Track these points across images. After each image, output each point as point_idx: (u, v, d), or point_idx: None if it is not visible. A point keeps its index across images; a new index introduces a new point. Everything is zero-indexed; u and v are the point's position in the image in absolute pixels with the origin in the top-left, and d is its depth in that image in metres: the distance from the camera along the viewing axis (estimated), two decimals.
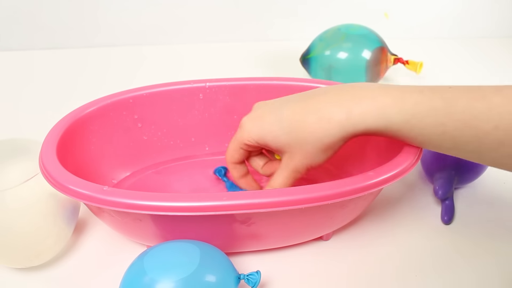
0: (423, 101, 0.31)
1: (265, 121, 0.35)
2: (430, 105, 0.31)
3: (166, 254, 0.32)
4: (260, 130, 0.35)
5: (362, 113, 0.32)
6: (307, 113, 0.33)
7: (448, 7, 0.87)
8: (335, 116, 0.32)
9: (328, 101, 0.33)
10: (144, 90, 0.45)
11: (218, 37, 0.86)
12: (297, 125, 0.33)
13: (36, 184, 0.34)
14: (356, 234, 0.41)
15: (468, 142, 0.31)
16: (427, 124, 0.31)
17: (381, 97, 0.32)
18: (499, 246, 0.40)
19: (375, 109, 0.31)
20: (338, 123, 0.32)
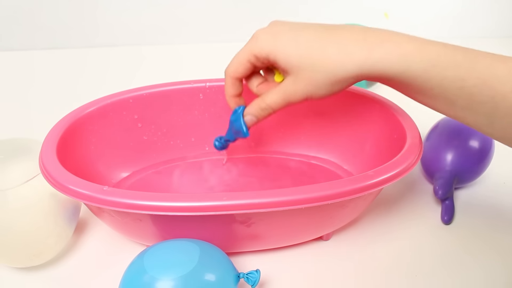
0: (446, 53, 0.31)
1: (281, 38, 0.34)
2: (452, 58, 0.31)
3: (166, 252, 0.32)
4: (274, 46, 0.34)
5: (384, 55, 0.31)
6: (328, 43, 0.32)
7: (448, 7, 0.87)
8: (356, 52, 0.32)
9: (352, 37, 0.32)
10: (144, 90, 0.45)
11: (218, 37, 0.86)
12: (315, 51, 0.33)
13: (37, 184, 0.34)
14: (356, 234, 0.41)
15: (484, 102, 0.31)
16: (446, 77, 0.31)
17: (404, 43, 0.31)
18: (499, 246, 0.40)
19: (397, 54, 0.31)
20: (357, 60, 0.32)
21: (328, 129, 0.47)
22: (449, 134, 0.45)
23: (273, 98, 0.36)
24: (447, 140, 0.44)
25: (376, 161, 0.42)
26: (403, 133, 0.38)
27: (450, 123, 0.46)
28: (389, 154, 0.37)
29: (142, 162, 0.47)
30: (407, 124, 0.39)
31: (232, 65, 0.37)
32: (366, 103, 0.44)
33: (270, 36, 0.35)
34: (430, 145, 0.45)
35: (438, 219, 0.43)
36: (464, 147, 0.44)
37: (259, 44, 0.35)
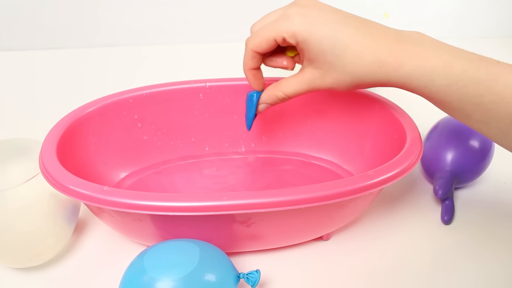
0: (470, 70, 0.31)
1: (318, 28, 0.33)
2: (476, 75, 0.31)
3: (166, 253, 0.32)
4: (309, 35, 0.33)
5: (411, 69, 0.32)
6: (363, 49, 0.33)
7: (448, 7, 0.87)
8: (387, 64, 0.33)
9: (386, 46, 0.33)
10: (144, 90, 0.45)
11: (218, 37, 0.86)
12: (350, 55, 0.33)
13: (37, 184, 0.34)
14: (356, 234, 0.41)
15: (500, 119, 0.31)
16: (467, 93, 0.31)
17: (432, 58, 0.32)
18: (499, 246, 0.40)
19: (423, 69, 0.32)
20: (387, 71, 0.33)
21: (328, 129, 0.47)
22: (449, 134, 0.45)
23: (294, 87, 0.36)
24: (447, 140, 0.44)
25: (376, 161, 0.42)
26: (403, 133, 0.38)
27: (450, 123, 0.46)
28: (389, 154, 0.37)
29: (142, 162, 0.47)
30: (407, 124, 0.39)
31: (256, 39, 0.36)
32: (366, 103, 0.44)
33: (306, 23, 0.33)
34: (430, 145, 0.45)
35: (438, 219, 0.43)
36: (464, 147, 0.44)
37: (293, 28, 0.34)
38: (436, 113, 0.39)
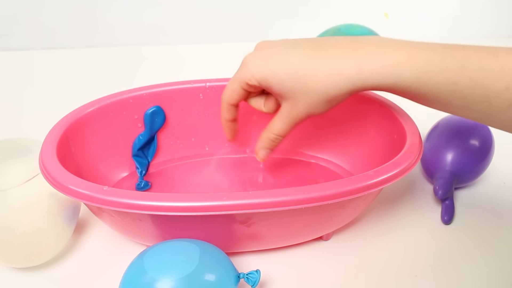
0: (435, 58, 0.31)
1: (270, 62, 0.34)
2: (442, 63, 0.31)
3: (166, 253, 0.32)
4: (264, 72, 0.34)
5: (373, 68, 0.31)
6: (318, 63, 0.33)
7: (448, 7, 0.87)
8: (346, 69, 0.32)
9: (340, 53, 0.33)
10: (144, 90, 0.45)
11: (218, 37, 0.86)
12: (306, 73, 0.33)
13: (37, 184, 0.34)
14: (356, 234, 0.41)
15: (478, 102, 0.31)
16: (438, 82, 0.31)
17: (393, 53, 0.31)
18: (499, 246, 0.40)
19: (386, 66, 0.31)
20: (348, 77, 0.32)
21: (328, 129, 0.47)
22: (449, 134, 0.45)
23: (280, 126, 0.37)
24: (447, 140, 0.44)
25: (376, 161, 0.42)
26: (403, 133, 0.38)
27: (450, 123, 0.46)
28: (389, 154, 0.37)
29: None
30: (407, 124, 0.39)
31: (226, 93, 0.38)
32: (366, 103, 0.44)
33: (259, 62, 0.35)
34: (430, 145, 0.45)
35: (438, 219, 0.43)
36: (464, 147, 0.44)
37: (250, 73, 0.35)
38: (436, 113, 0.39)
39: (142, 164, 0.46)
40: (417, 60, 0.31)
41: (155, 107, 0.45)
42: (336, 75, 0.32)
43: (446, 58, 0.31)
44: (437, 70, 0.31)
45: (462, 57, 0.30)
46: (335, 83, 0.32)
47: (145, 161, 0.46)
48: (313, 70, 0.33)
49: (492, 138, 0.45)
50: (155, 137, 0.46)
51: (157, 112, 0.45)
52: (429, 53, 0.31)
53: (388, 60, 0.31)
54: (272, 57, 0.34)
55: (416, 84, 0.31)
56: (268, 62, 0.34)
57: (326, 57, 0.33)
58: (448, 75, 0.30)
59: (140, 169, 0.45)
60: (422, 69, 0.31)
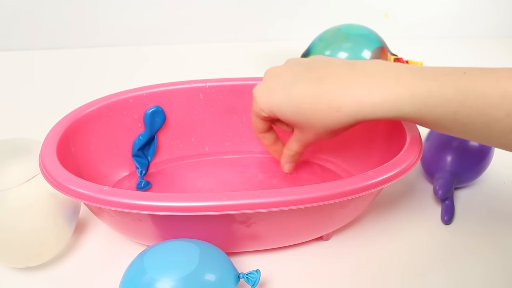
0: (436, 90, 0.30)
1: (274, 96, 0.36)
2: (443, 95, 0.30)
3: (166, 253, 0.32)
4: (269, 105, 0.36)
5: (373, 104, 0.32)
6: (318, 99, 0.33)
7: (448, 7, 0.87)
8: (346, 106, 0.32)
9: (339, 89, 0.33)
10: (144, 90, 0.45)
11: (218, 37, 0.86)
12: (306, 109, 0.34)
13: (37, 184, 0.34)
14: (356, 234, 0.41)
15: (479, 129, 0.31)
16: (439, 114, 0.31)
17: (392, 87, 0.31)
18: (499, 246, 0.40)
19: (386, 101, 0.31)
20: (348, 113, 0.33)
21: None
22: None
23: (295, 146, 0.39)
24: (447, 140, 0.44)
25: (376, 161, 0.42)
26: (403, 133, 0.38)
27: None
28: (389, 154, 0.37)
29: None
30: (407, 124, 0.39)
31: (253, 124, 0.41)
32: None
33: (265, 96, 0.37)
34: (430, 145, 0.45)
35: (438, 219, 0.43)
36: (464, 147, 0.44)
37: (259, 106, 0.37)
38: None
39: (142, 164, 0.46)
40: (417, 92, 0.31)
41: (155, 107, 0.45)
42: (336, 112, 0.33)
43: (447, 88, 0.30)
44: (438, 101, 0.30)
45: (463, 86, 0.30)
46: (336, 119, 0.33)
47: (145, 161, 0.46)
48: (313, 107, 0.34)
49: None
50: (155, 137, 0.46)
51: (157, 112, 0.45)
52: (430, 83, 0.31)
53: (386, 95, 0.31)
54: (276, 91, 0.36)
55: (417, 115, 0.31)
56: (272, 96, 0.36)
57: (326, 94, 0.33)
58: (449, 105, 0.30)
59: (140, 169, 0.45)
60: (422, 102, 0.31)
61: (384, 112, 0.32)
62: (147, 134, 0.45)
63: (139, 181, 0.45)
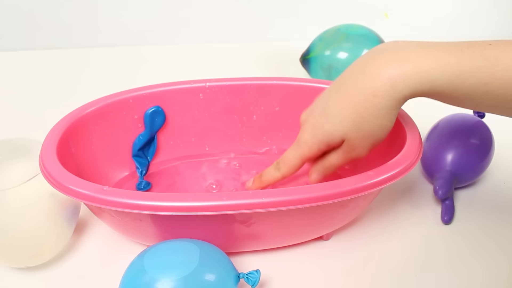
0: (465, 61, 0.30)
1: (317, 126, 0.35)
2: (473, 66, 0.30)
3: (166, 253, 0.32)
4: (318, 138, 0.35)
5: (406, 79, 0.31)
6: (352, 96, 0.32)
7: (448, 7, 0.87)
8: (380, 88, 0.31)
9: (367, 75, 0.32)
10: (144, 90, 0.45)
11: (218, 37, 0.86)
12: (346, 112, 0.33)
13: (37, 184, 0.34)
14: (356, 234, 0.41)
15: (510, 101, 0.30)
16: (471, 85, 0.30)
17: (421, 60, 0.31)
18: (499, 245, 0.40)
19: (419, 73, 0.30)
20: (385, 95, 0.31)
21: None
22: (449, 134, 0.45)
23: (338, 160, 0.36)
24: (447, 140, 0.44)
25: (376, 161, 0.42)
26: (403, 133, 0.38)
27: (450, 123, 0.46)
28: (389, 154, 0.37)
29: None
30: (407, 124, 0.39)
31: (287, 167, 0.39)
32: None
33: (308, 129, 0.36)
34: (430, 145, 0.45)
35: (438, 219, 0.43)
36: (464, 147, 0.44)
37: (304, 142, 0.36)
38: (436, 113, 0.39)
39: (142, 164, 0.46)
40: (448, 63, 0.30)
41: (155, 107, 0.45)
42: (373, 98, 0.31)
43: (476, 58, 0.30)
44: (469, 72, 0.30)
45: (491, 57, 0.30)
46: (376, 106, 0.32)
47: (145, 161, 0.46)
48: (351, 105, 0.32)
49: (492, 138, 0.45)
50: (155, 137, 0.46)
51: (157, 112, 0.45)
52: (458, 54, 0.30)
53: (418, 67, 0.30)
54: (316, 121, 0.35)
55: (449, 88, 0.31)
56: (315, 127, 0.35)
57: (358, 87, 0.32)
58: (480, 76, 0.30)
59: (140, 169, 0.45)
60: (454, 73, 0.30)
61: (418, 85, 0.31)
62: (147, 134, 0.45)
63: (139, 181, 0.45)
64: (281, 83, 0.46)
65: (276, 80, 0.47)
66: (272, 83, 0.46)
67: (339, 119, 0.33)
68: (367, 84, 0.32)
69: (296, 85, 0.46)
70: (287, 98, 0.46)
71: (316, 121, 0.35)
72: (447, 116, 0.47)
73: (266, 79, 0.47)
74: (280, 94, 0.46)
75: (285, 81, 0.46)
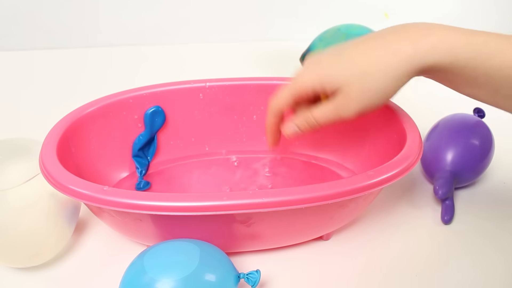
0: (491, 41, 0.31)
1: (323, 64, 0.34)
2: (498, 45, 0.31)
3: (166, 253, 0.32)
4: (318, 75, 0.34)
5: (430, 46, 0.31)
6: (372, 50, 0.32)
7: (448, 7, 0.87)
8: (402, 48, 0.31)
9: (394, 36, 0.32)
10: (144, 90, 0.45)
11: (218, 37, 0.86)
12: (361, 60, 0.33)
13: (37, 184, 0.34)
14: (356, 234, 0.41)
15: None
16: (493, 65, 0.31)
17: (449, 33, 0.31)
18: (499, 245, 0.40)
19: (444, 43, 0.31)
20: (405, 55, 0.31)
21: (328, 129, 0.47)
22: (449, 134, 0.45)
23: (324, 112, 0.35)
24: (447, 140, 0.44)
25: (376, 161, 0.42)
26: (403, 133, 0.38)
27: (450, 123, 0.46)
28: (389, 154, 0.37)
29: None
30: (407, 124, 0.39)
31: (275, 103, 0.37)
32: None
33: (312, 68, 0.35)
34: (430, 145, 0.45)
35: (438, 219, 0.43)
36: (464, 147, 0.44)
37: (304, 78, 0.35)
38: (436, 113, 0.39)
39: (142, 164, 0.46)
40: (474, 41, 0.31)
41: (155, 107, 0.45)
42: (392, 55, 0.31)
43: (501, 41, 0.31)
44: (493, 52, 0.31)
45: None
46: (392, 63, 0.32)
47: (145, 161, 0.46)
48: (369, 57, 0.32)
49: (492, 138, 0.45)
50: (155, 137, 0.46)
51: (157, 112, 0.45)
52: (484, 36, 0.31)
53: (444, 38, 0.31)
54: (325, 59, 0.35)
55: (471, 65, 0.31)
56: (321, 64, 0.34)
57: (380, 43, 0.32)
58: (503, 58, 0.30)
59: (140, 169, 0.45)
60: (478, 50, 0.31)
61: (441, 56, 0.31)
62: (147, 134, 0.45)
63: (138, 181, 0.45)
64: (281, 83, 0.46)
65: (276, 80, 0.47)
66: (272, 83, 0.46)
67: (350, 63, 0.33)
68: (392, 42, 0.32)
69: None
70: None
71: (325, 60, 0.34)
72: (447, 116, 0.47)
73: (266, 79, 0.47)
74: None
75: (285, 81, 0.46)
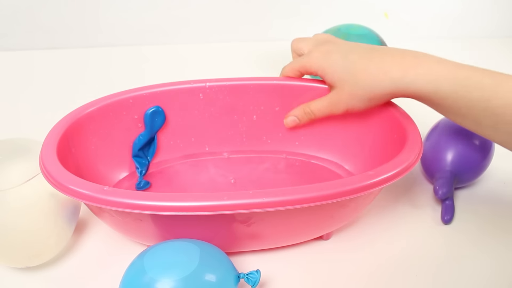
0: (474, 76, 0.34)
1: (331, 56, 0.40)
2: (480, 80, 0.34)
3: (166, 253, 0.32)
4: (324, 63, 0.41)
5: (417, 75, 0.36)
6: (370, 63, 0.38)
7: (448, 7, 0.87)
8: (393, 71, 0.37)
9: (391, 58, 0.37)
10: (144, 90, 0.45)
11: (218, 37, 0.86)
12: (359, 68, 0.38)
13: (37, 184, 0.34)
14: (356, 234, 0.41)
15: (508, 122, 0.33)
16: (473, 98, 0.34)
17: (436, 66, 0.36)
18: (499, 246, 0.40)
19: (429, 75, 0.35)
20: (393, 78, 0.37)
21: (328, 129, 0.47)
22: (449, 134, 0.45)
23: (318, 105, 0.42)
24: (447, 140, 0.44)
25: (376, 161, 0.42)
26: (403, 133, 0.38)
27: (450, 123, 0.46)
28: (389, 154, 0.37)
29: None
30: (407, 124, 0.39)
31: (285, 70, 0.45)
32: None
33: (321, 55, 0.41)
34: (430, 145, 0.45)
35: (438, 219, 0.43)
36: (464, 147, 0.44)
37: (312, 60, 0.42)
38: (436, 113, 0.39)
39: (142, 164, 0.46)
40: (458, 75, 0.35)
41: (155, 107, 0.45)
42: (383, 75, 0.37)
43: (484, 77, 0.34)
44: (474, 86, 0.34)
45: (499, 80, 0.33)
46: (380, 81, 0.37)
47: (145, 161, 0.46)
48: (364, 68, 0.38)
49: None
50: (155, 137, 0.46)
51: (157, 112, 0.45)
52: (468, 71, 0.34)
53: (430, 70, 0.35)
54: (334, 53, 0.41)
55: (453, 97, 0.35)
56: (329, 55, 0.41)
57: (379, 60, 0.38)
58: (484, 93, 0.33)
59: (140, 169, 0.45)
60: (460, 83, 0.34)
61: (425, 85, 0.35)
62: (147, 134, 0.45)
63: (138, 181, 0.45)
64: (281, 83, 0.46)
65: (276, 80, 0.47)
66: (272, 83, 0.46)
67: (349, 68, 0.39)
68: (387, 63, 0.37)
69: (296, 85, 0.46)
70: (287, 98, 0.46)
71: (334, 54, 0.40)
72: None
73: (266, 79, 0.47)
74: (280, 94, 0.46)
75: (285, 81, 0.46)
